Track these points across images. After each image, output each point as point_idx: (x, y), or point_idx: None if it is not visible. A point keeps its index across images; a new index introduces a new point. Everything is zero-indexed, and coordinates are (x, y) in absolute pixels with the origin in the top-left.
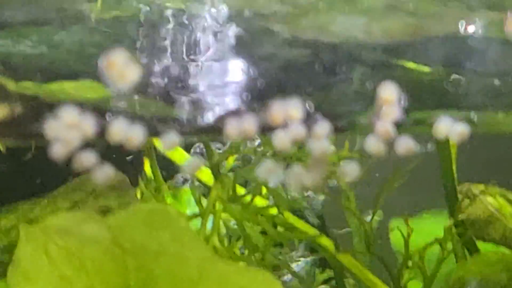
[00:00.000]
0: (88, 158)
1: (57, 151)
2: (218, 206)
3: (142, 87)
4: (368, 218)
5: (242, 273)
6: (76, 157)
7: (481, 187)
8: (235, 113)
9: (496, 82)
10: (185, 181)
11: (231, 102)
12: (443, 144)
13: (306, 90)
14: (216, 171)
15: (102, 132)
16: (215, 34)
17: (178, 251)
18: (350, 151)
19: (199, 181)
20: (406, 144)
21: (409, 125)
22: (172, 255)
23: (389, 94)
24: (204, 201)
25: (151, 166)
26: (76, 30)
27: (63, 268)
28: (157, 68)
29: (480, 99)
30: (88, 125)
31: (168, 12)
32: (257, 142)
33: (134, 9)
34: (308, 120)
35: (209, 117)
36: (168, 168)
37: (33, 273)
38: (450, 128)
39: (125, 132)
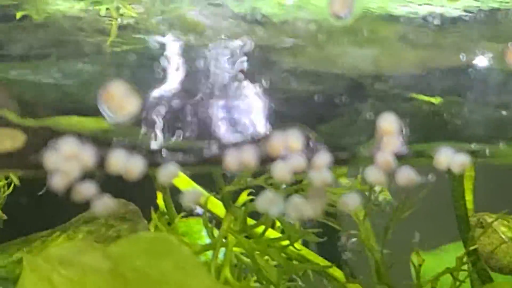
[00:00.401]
0: (87, 189)
1: (57, 183)
2: (230, 238)
3: (146, 118)
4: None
5: None
6: (76, 188)
7: (494, 216)
8: (235, 144)
9: (498, 113)
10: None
11: (231, 133)
12: (454, 175)
13: (307, 121)
14: (227, 202)
15: (102, 164)
16: (217, 66)
17: (180, 280)
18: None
19: (211, 212)
20: (407, 175)
21: (410, 156)
22: (175, 283)
23: (389, 125)
24: (216, 233)
25: (164, 199)
26: (87, 63)
27: None
28: (161, 99)
29: (482, 131)
30: (87, 156)
31: (172, 45)
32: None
33: (143, 42)
34: (309, 151)
35: (210, 148)
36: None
37: None
38: (451, 159)
39: (124, 163)
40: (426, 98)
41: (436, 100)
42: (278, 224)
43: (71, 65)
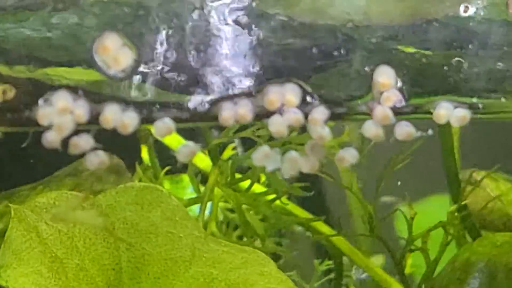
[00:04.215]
0: (81, 143)
1: (50, 137)
2: (217, 192)
3: (137, 72)
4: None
5: (235, 253)
6: (69, 143)
7: (483, 173)
8: (231, 98)
9: (499, 66)
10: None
11: (227, 86)
12: (444, 129)
13: (303, 74)
14: (213, 156)
15: (96, 118)
16: (210, 18)
17: (170, 231)
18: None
19: (197, 167)
20: (405, 130)
21: (409, 110)
22: (164, 234)
23: (386, 78)
24: (203, 188)
25: (149, 153)
26: (72, 13)
27: (54, 248)
28: (152, 52)
29: (482, 84)
30: (81, 110)
31: None
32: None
33: None
34: (306, 105)
35: (205, 102)
36: (167, 156)
37: (25, 254)
38: (450, 113)
39: (119, 117)
40: (423, 51)
41: (433, 52)
42: (263, 178)
43: (62, 17)
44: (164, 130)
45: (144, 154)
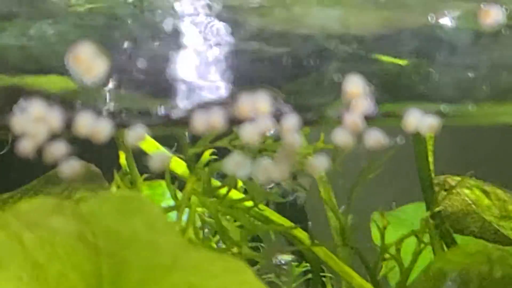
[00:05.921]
0: (55, 152)
1: (24, 146)
2: (194, 199)
3: (112, 80)
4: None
5: (214, 261)
6: (43, 151)
7: (457, 179)
8: (203, 106)
9: (468, 74)
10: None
11: (199, 94)
12: (418, 136)
13: (276, 83)
14: (190, 164)
15: (69, 126)
16: (183, 26)
17: (150, 238)
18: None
19: (175, 174)
20: (375, 137)
21: (379, 117)
22: (145, 242)
23: (355, 87)
24: (180, 194)
25: (127, 160)
26: (50, 23)
27: (36, 255)
28: (126, 61)
29: (451, 92)
30: (55, 118)
31: (139, 5)
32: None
33: (108, 1)
34: (278, 113)
35: (177, 110)
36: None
37: (6, 261)
38: (419, 121)
39: (92, 125)
40: (394, 59)
41: (404, 61)
42: (240, 184)
43: (37, 26)
44: (136, 137)
45: (123, 160)
